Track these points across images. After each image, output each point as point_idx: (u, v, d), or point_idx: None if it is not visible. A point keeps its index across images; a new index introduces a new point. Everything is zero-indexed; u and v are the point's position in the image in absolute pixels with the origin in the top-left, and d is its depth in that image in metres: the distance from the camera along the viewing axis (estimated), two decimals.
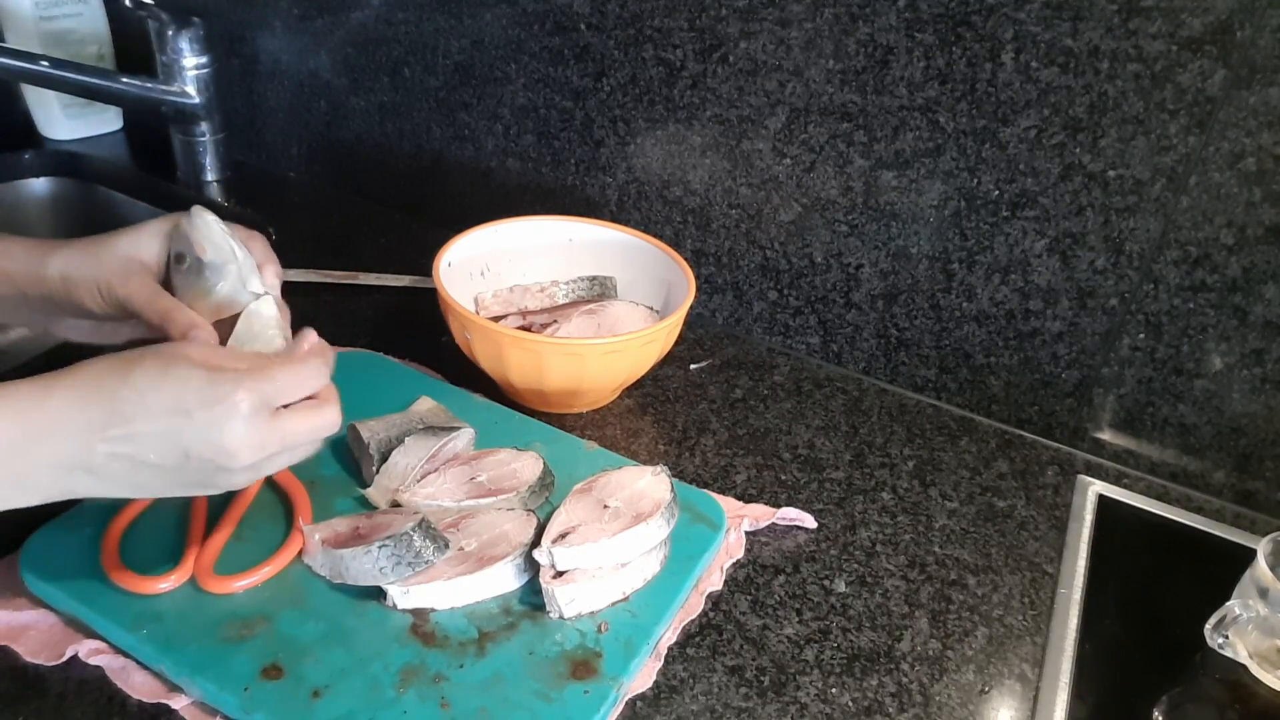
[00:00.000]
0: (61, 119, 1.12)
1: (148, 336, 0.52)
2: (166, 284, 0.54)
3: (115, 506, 0.57)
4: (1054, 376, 0.79)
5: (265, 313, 0.52)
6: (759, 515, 0.67)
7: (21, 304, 0.55)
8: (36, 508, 0.58)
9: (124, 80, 0.98)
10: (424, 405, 0.69)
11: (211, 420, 0.44)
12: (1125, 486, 0.75)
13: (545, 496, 0.63)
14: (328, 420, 0.49)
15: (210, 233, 0.53)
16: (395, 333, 0.84)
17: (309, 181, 1.15)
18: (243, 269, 0.53)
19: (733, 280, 0.90)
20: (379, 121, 1.06)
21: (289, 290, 0.85)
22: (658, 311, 0.78)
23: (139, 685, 0.50)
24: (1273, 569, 0.56)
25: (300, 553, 0.56)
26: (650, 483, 0.60)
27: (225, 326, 0.52)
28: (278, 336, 0.53)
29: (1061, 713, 0.55)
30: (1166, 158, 0.68)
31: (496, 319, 0.78)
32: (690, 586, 0.59)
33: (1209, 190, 0.67)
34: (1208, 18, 0.63)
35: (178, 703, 0.49)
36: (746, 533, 0.66)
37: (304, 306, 0.87)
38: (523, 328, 0.76)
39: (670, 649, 0.56)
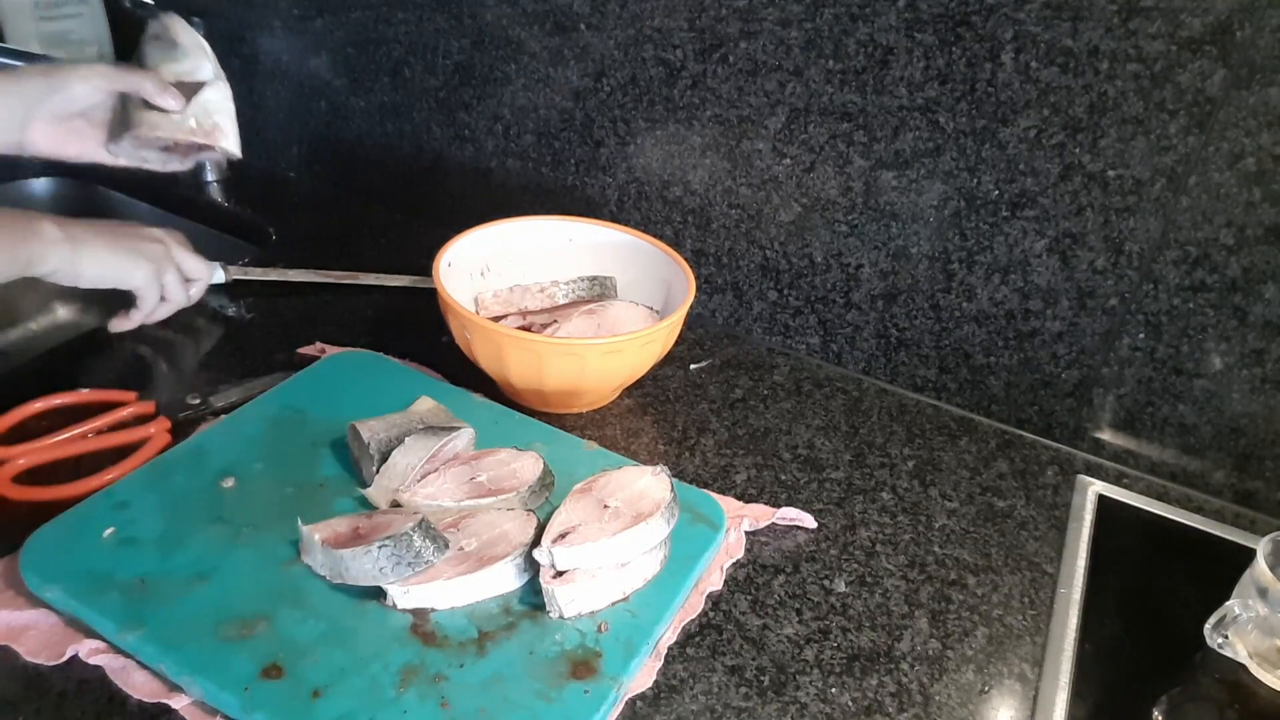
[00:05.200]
0: None
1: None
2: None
3: (112, 504, 0.58)
4: (1054, 376, 0.79)
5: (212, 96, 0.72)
6: (759, 515, 0.67)
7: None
8: (37, 508, 0.59)
9: None
10: (424, 405, 0.69)
11: None
12: (1125, 486, 0.75)
13: (545, 496, 0.63)
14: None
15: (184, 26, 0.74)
16: (395, 333, 0.84)
17: (309, 181, 1.15)
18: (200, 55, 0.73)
19: (733, 280, 0.91)
20: (379, 121, 1.06)
21: (288, 289, 0.85)
22: (658, 311, 0.78)
23: (139, 685, 0.50)
24: (1272, 569, 0.56)
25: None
26: (650, 483, 0.60)
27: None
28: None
29: (1061, 713, 0.55)
30: (1166, 158, 0.68)
31: (496, 319, 0.78)
32: (690, 586, 0.59)
33: (1209, 190, 0.67)
34: (1208, 18, 0.63)
35: (178, 702, 0.49)
36: (746, 533, 0.66)
37: (304, 306, 0.87)
38: (523, 328, 0.76)
39: (670, 649, 0.56)
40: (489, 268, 0.81)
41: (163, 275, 0.72)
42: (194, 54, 0.73)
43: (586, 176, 0.95)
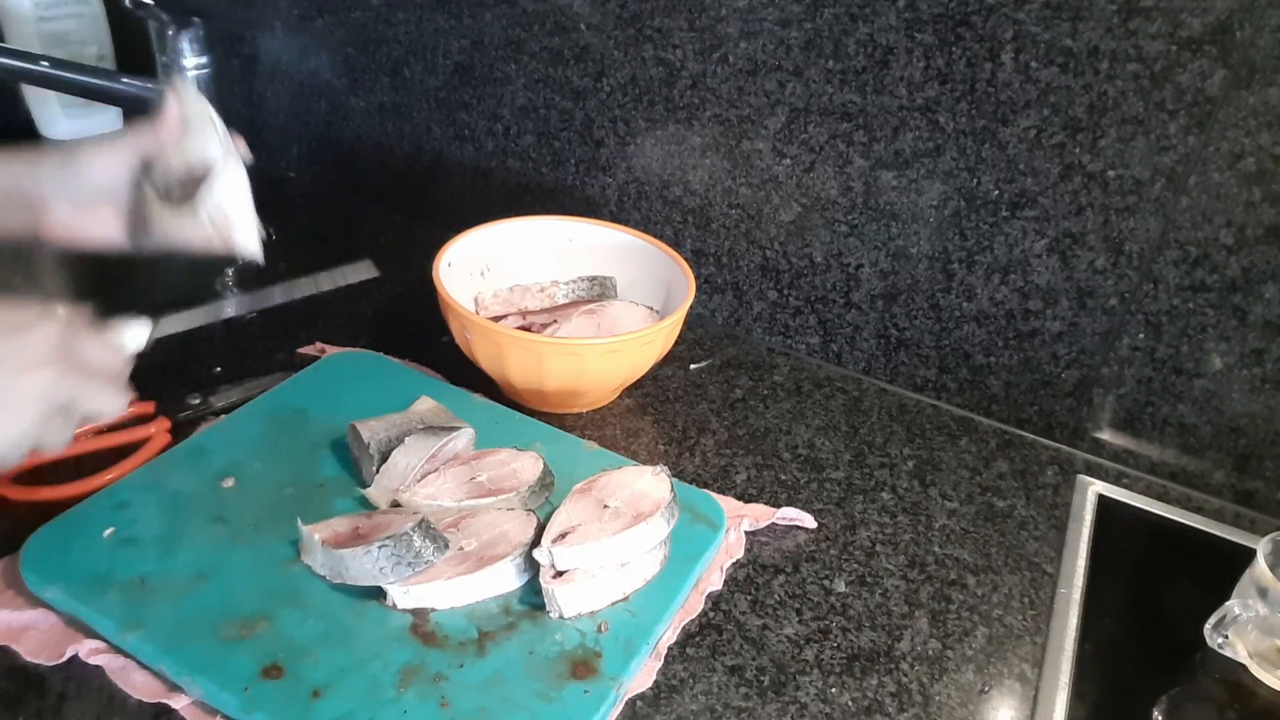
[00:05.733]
0: (61, 119, 1.11)
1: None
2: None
3: (110, 504, 0.58)
4: (1054, 376, 0.79)
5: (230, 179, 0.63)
6: (759, 515, 0.67)
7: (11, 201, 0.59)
8: (37, 508, 0.59)
9: (124, 80, 0.98)
10: (424, 405, 0.69)
11: None
12: (1125, 486, 0.75)
13: (545, 496, 0.63)
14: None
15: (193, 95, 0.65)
16: (395, 333, 0.84)
17: (309, 181, 1.15)
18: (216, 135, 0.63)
19: (733, 280, 0.90)
20: (379, 121, 1.06)
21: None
22: (658, 311, 0.78)
23: (139, 685, 0.50)
24: (1272, 569, 0.56)
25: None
26: (650, 483, 0.60)
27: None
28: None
29: (1061, 713, 0.55)
30: (1166, 158, 0.68)
31: (496, 319, 0.78)
32: (690, 586, 0.59)
33: (1209, 190, 0.67)
34: (1207, 18, 0.63)
35: (178, 703, 0.49)
36: (746, 532, 0.66)
37: (304, 306, 0.87)
38: (523, 328, 0.76)
39: (670, 649, 0.56)
40: (489, 268, 0.81)
41: (43, 430, 0.49)
42: (201, 129, 0.63)
43: (586, 176, 0.95)
